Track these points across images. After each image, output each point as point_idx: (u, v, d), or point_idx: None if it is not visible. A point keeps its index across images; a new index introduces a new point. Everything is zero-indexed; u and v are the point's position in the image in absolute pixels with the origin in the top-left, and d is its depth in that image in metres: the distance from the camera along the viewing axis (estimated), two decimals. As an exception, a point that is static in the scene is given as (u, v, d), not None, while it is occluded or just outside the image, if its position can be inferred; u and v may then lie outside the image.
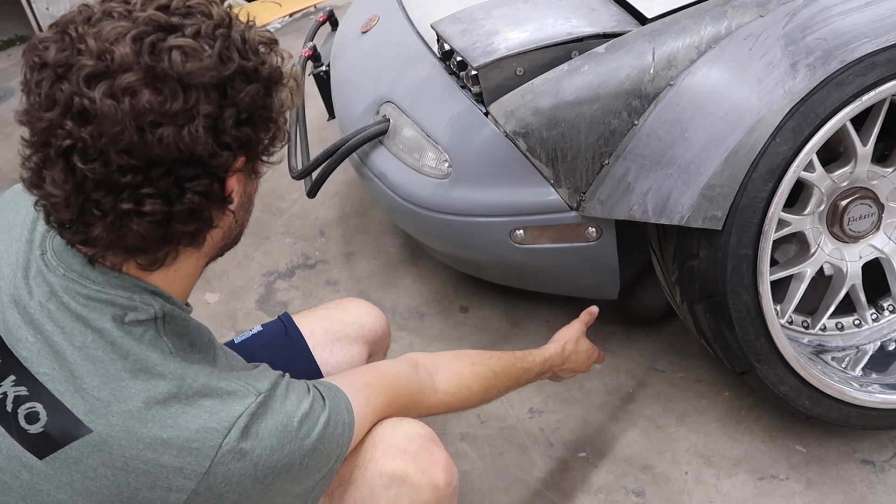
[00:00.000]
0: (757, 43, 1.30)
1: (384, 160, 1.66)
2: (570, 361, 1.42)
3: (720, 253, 1.32)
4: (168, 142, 0.76)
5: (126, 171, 0.76)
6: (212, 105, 0.77)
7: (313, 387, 0.93)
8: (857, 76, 1.25)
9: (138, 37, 0.75)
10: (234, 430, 0.81)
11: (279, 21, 4.11)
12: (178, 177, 0.78)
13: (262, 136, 0.86)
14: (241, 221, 0.94)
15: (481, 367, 1.23)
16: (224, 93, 0.79)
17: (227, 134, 0.79)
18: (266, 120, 0.85)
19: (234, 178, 0.84)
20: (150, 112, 0.75)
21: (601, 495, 1.54)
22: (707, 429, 1.64)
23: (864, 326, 1.61)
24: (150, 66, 0.75)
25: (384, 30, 1.89)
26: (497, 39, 1.46)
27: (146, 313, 0.83)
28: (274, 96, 0.85)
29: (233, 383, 0.85)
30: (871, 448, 1.56)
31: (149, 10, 0.78)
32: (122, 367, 0.80)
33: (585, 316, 1.48)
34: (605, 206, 1.39)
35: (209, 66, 0.77)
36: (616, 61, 1.37)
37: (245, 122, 0.81)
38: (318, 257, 2.27)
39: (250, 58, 0.82)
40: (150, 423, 0.79)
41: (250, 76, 0.81)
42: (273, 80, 0.85)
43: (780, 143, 1.26)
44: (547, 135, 1.40)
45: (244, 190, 0.89)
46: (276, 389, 0.88)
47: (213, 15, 0.81)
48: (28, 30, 4.41)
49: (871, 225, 1.49)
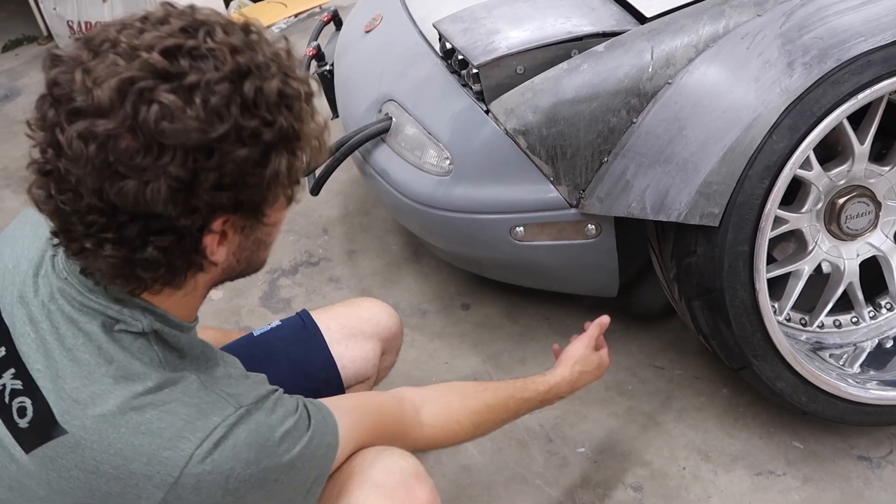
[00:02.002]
0: (754, 42, 1.31)
1: (386, 158, 1.68)
2: (581, 381, 1.35)
3: (717, 249, 1.34)
4: (129, 195, 0.72)
5: (93, 210, 0.74)
6: (184, 169, 0.72)
7: (303, 405, 0.91)
8: (852, 74, 1.27)
9: (128, 81, 0.71)
10: (208, 441, 0.79)
11: (284, 21, 4.13)
12: (143, 227, 0.75)
13: (253, 199, 0.79)
14: (249, 260, 0.90)
15: (473, 401, 1.18)
16: (209, 154, 0.73)
17: (199, 198, 0.74)
18: (255, 186, 0.78)
19: (213, 236, 0.79)
20: (117, 163, 0.71)
21: (599, 490, 1.55)
22: (705, 425, 1.65)
23: (861, 324, 1.62)
24: (129, 115, 0.71)
25: (387, 29, 1.91)
26: (498, 38, 1.48)
27: (134, 328, 0.82)
28: (273, 161, 0.77)
29: (214, 394, 0.83)
30: (868, 444, 1.57)
31: (156, 49, 0.73)
32: (105, 371, 0.80)
33: (595, 329, 1.40)
34: (605, 204, 1.41)
35: (190, 127, 0.72)
36: (615, 60, 1.39)
37: (227, 186, 0.75)
38: (322, 255, 2.29)
39: (255, 117, 0.75)
40: (122, 429, 0.78)
41: (245, 139, 0.75)
42: (279, 144, 0.77)
43: (777, 141, 1.28)
44: (547, 132, 1.42)
45: (239, 243, 0.85)
46: (264, 403, 0.86)
47: (227, 63, 0.74)
48: (35, 30, 4.44)
49: (869, 223, 1.50)
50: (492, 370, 1.84)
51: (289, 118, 0.78)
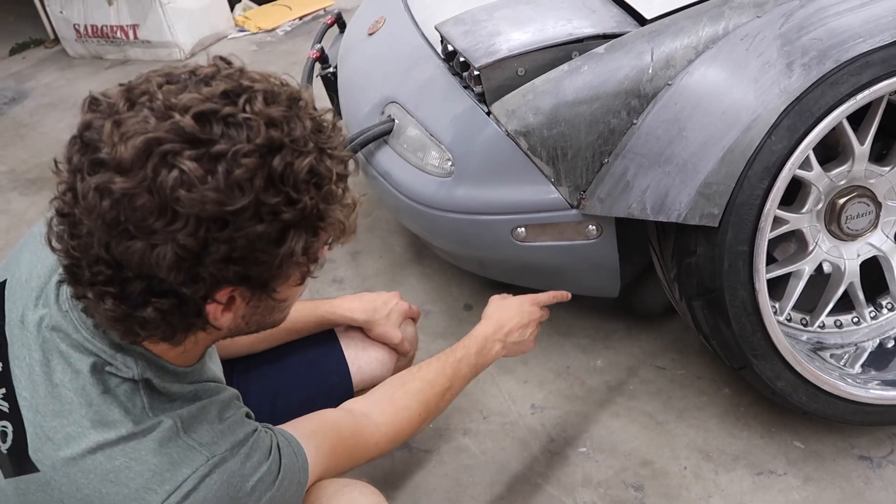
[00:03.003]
0: (754, 43, 1.32)
1: (389, 159, 1.69)
2: (509, 331, 1.32)
3: (717, 250, 1.34)
4: (135, 255, 0.71)
5: (100, 262, 0.73)
6: (194, 238, 0.70)
7: (276, 446, 0.90)
8: (851, 75, 1.27)
9: (154, 142, 0.69)
10: (175, 494, 0.78)
11: (289, 24, 4.15)
12: (147, 287, 0.74)
13: (262, 275, 0.77)
14: (260, 323, 0.88)
15: (413, 383, 1.19)
16: (223, 225, 0.71)
17: (206, 268, 0.72)
18: (265, 263, 0.75)
19: (217, 305, 0.77)
20: (128, 222, 0.70)
21: (601, 489, 1.56)
22: (706, 425, 1.65)
23: (862, 324, 1.62)
24: (148, 176, 0.69)
25: (390, 31, 1.92)
26: (499, 40, 1.49)
27: (125, 374, 0.82)
28: (290, 241, 0.75)
29: (186, 443, 0.81)
30: (869, 444, 1.57)
31: (191, 112, 0.71)
32: (83, 413, 0.79)
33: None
34: (605, 204, 1.42)
35: (207, 199, 0.69)
36: (615, 61, 1.40)
37: (236, 261, 0.73)
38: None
39: (279, 193, 0.72)
40: (91, 475, 0.77)
41: (264, 215, 0.72)
42: (299, 223, 0.75)
43: (776, 142, 1.28)
44: (548, 134, 1.43)
45: (247, 310, 0.82)
46: (239, 450, 0.85)
47: (260, 135, 0.72)
48: (42, 33, 4.47)
49: (869, 223, 1.50)
50: (493, 370, 1.85)
51: (315, 198, 0.75)
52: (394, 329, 1.40)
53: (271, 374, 1.35)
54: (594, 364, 1.83)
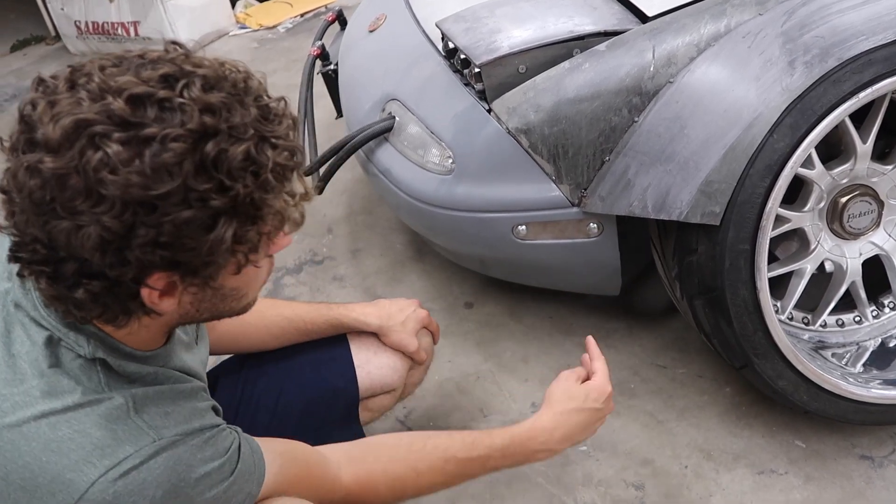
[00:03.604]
0: (756, 41, 1.31)
1: (389, 157, 1.69)
2: (571, 425, 1.22)
3: (718, 248, 1.34)
4: (62, 235, 0.71)
5: (35, 241, 0.73)
6: (119, 221, 0.70)
7: (235, 448, 0.89)
8: (853, 73, 1.26)
9: (83, 123, 0.69)
10: (114, 470, 0.77)
11: (290, 21, 4.14)
12: (79, 269, 0.73)
13: (192, 262, 0.75)
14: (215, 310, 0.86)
15: (398, 466, 1.12)
16: (151, 209, 0.70)
17: (132, 252, 0.72)
18: (193, 250, 0.74)
19: (151, 291, 0.76)
20: (55, 202, 0.70)
21: (601, 488, 1.55)
22: (707, 424, 1.65)
23: (864, 323, 1.61)
24: (75, 157, 0.69)
25: (391, 29, 1.92)
26: (500, 37, 1.49)
27: (78, 351, 0.81)
28: (219, 228, 0.73)
29: (135, 422, 0.80)
30: (871, 444, 1.56)
31: (124, 94, 0.70)
32: (35, 384, 0.79)
33: (593, 358, 1.28)
34: (606, 203, 1.41)
35: (131, 182, 0.69)
36: (617, 59, 1.39)
37: (163, 245, 0.72)
38: (326, 254, 2.30)
39: (209, 180, 0.71)
40: (33, 442, 0.77)
41: (192, 201, 0.71)
42: (230, 211, 0.73)
43: (778, 140, 1.28)
44: (549, 131, 1.42)
45: (194, 297, 0.81)
46: (190, 439, 0.83)
47: (193, 120, 0.71)
48: (43, 30, 4.47)
49: (871, 222, 1.50)
50: (494, 369, 1.84)
51: (251, 186, 0.73)
52: (410, 337, 1.38)
53: (278, 372, 1.35)
54: (595, 363, 1.83)
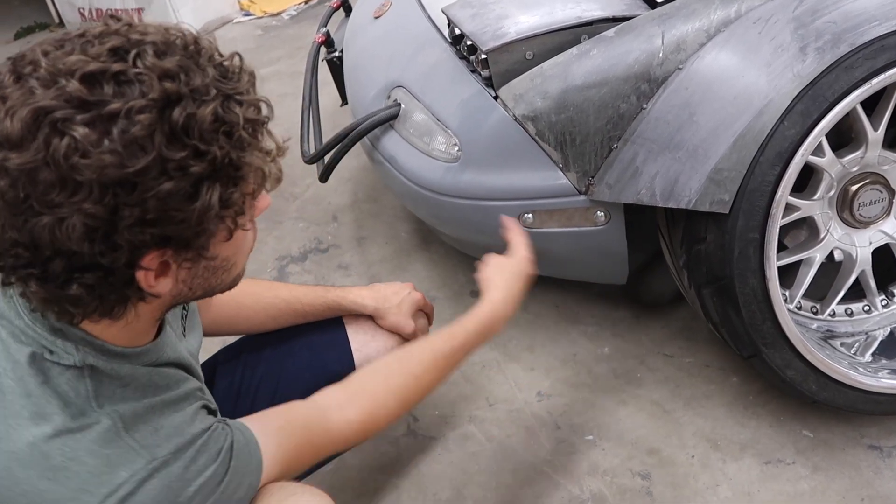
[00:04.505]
0: (766, 26, 1.29)
1: (395, 144, 1.67)
2: (514, 290, 1.26)
3: (727, 237, 1.32)
4: (44, 232, 0.68)
5: (17, 244, 0.69)
6: (101, 206, 0.67)
7: (228, 447, 0.86)
8: (866, 59, 1.25)
9: (42, 111, 0.66)
10: (112, 497, 0.76)
11: (295, 8, 4.12)
12: (67, 264, 0.70)
13: (183, 234, 0.73)
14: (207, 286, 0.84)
15: (398, 378, 1.11)
16: (130, 189, 0.68)
17: (120, 235, 0.69)
18: (183, 222, 0.71)
19: (146, 272, 0.74)
20: (30, 198, 0.67)
21: (607, 478, 1.55)
22: (714, 413, 1.64)
23: (873, 312, 1.60)
24: (41, 148, 0.66)
25: (396, 15, 1.90)
26: (507, 23, 1.47)
27: (66, 360, 0.79)
28: (204, 195, 0.71)
29: (127, 444, 0.78)
30: (879, 433, 1.55)
31: (77, 75, 0.67)
32: (23, 405, 0.77)
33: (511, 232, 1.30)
34: (614, 190, 1.40)
35: (105, 162, 0.66)
36: (625, 45, 1.37)
37: (151, 223, 0.70)
38: (331, 242, 2.29)
39: (184, 147, 0.69)
40: (30, 470, 0.75)
41: (171, 172, 0.69)
42: (212, 176, 0.71)
43: (788, 127, 1.26)
44: (556, 119, 1.41)
45: (187, 274, 0.80)
46: (185, 452, 0.81)
47: (154, 89, 0.68)
48: (47, 17, 4.45)
49: (882, 210, 1.48)
50: (500, 357, 1.83)
51: (226, 147, 0.71)
52: (406, 319, 1.38)
53: (276, 359, 1.35)
54: (601, 352, 1.82)
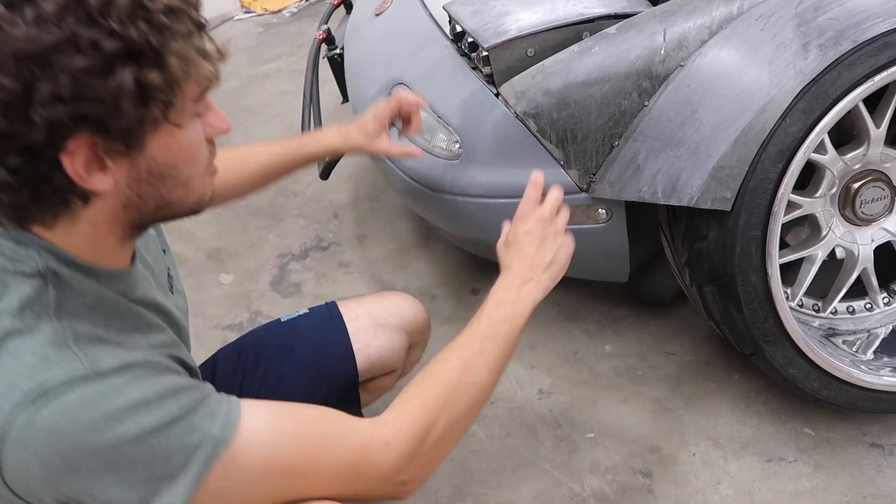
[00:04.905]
0: (769, 23, 1.29)
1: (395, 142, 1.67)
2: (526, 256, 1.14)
3: (729, 234, 1.32)
4: None
5: None
6: (16, 79, 0.69)
7: (197, 393, 0.82)
8: (869, 56, 1.24)
9: None
10: (37, 390, 0.75)
11: (295, 5, 4.11)
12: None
13: (100, 116, 0.73)
14: (157, 197, 0.82)
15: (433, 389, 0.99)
16: (44, 64, 0.70)
17: (35, 111, 0.70)
18: (97, 100, 0.72)
19: (73, 158, 0.74)
20: None
21: (609, 476, 1.55)
22: (716, 411, 1.64)
23: (875, 310, 1.60)
24: None
25: (397, 12, 1.90)
26: (508, 20, 1.47)
27: (30, 267, 0.79)
28: (118, 75, 0.72)
29: (71, 350, 0.77)
30: (881, 431, 1.55)
31: None
32: None
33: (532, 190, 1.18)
34: (615, 188, 1.40)
35: (18, 36, 0.69)
36: (627, 42, 1.37)
37: (64, 99, 0.71)
38: (332, 239, 2.29)
39: (97, 26, 0.71)
40: None
41: (83, 48, 0.70)
42: (126, 56, 0.72)
43: (790, 125, 1.26)
44: (557, 116, 1.40)
45: (128, 173, 0.79)
46: (129, 371, 0.79)
47: None
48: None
49: (884, 208, 1.48)
50: (501, 355, 1.83)
51: (144, 31, 0.72)
52: (378, 140, 1.38)
53: (277, 360, 1.34)
54: (602, 349, 1.82)
